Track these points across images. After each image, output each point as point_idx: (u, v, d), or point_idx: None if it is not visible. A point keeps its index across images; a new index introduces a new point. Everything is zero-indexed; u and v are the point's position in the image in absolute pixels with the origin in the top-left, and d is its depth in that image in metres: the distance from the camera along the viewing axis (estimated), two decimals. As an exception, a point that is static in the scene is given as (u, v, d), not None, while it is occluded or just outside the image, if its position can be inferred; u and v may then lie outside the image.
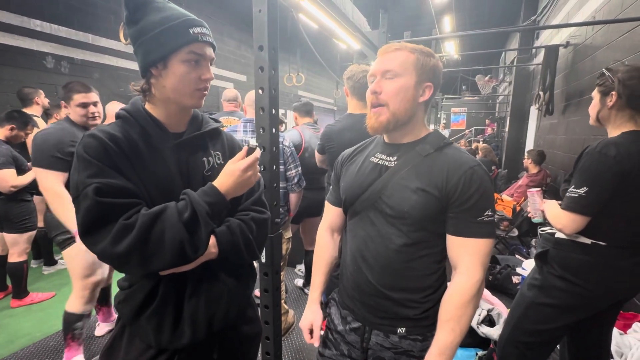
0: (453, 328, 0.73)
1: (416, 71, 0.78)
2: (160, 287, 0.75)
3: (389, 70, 0.78)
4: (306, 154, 2.22)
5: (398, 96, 0.78)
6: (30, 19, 3.77)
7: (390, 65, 0.78)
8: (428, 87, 0.80)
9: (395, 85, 0.78)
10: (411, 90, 0.78)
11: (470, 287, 0.74)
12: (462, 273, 0.76)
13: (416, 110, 0.81)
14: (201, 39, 0.73)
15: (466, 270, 0.75)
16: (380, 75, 0.80)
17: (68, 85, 1.68)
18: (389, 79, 0.78)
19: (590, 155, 1.09)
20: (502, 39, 10.05)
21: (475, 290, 0.74)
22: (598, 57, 2.94)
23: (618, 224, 1.09)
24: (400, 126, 0.81)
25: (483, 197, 0.74)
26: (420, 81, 0.79)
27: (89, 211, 0.64)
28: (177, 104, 0.77)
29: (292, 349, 1.97)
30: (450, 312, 0.74)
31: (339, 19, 2.10)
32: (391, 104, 0.78)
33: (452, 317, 0.74)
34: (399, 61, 0.78)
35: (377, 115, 0.80)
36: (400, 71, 0.78)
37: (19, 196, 2.28)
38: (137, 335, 0.78)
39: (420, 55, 0.79)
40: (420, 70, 0.78)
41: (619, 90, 1.08)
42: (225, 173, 0.77)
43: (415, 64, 0.78)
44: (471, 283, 0.74)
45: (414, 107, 0.80)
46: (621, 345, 1.68)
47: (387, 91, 0.78)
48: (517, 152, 6.38)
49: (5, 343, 1.99)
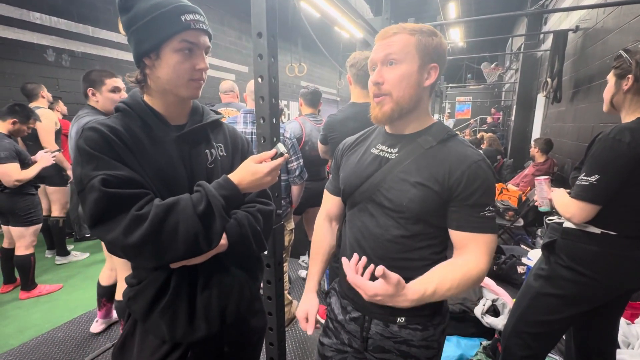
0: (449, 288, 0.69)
1: (418, 54, 0.74)
2: (172, 280, 0.74)
3: (390, 57, 0.74)
4: (307, 147, 2.19)
5: (401, 84, 0.74)
6: (30, 11, 3.74)
7: (390, 51, 0.74)
8: (433, 69, 0.75)
9: (398, 73, 0.74)
10: (415, 75, 0.74)
11: (475, 269, 0.71)
12: (470, 259, 0.73)
13: (422, 95, 0.77)
14: (194, 26, 0.70)
15: (475, 257, 0.72)
16: (380, 63, 0.76)
17: (93, 72, 1.67)
18: (390, 66, 0.75)
19: (603, 142, 1.05)
20: (508, 25, 9.80)
21: (479, 276, 0.71)
22: (609, 41, 2.85)
23: (630, 214, 1.06)
24: (405, 114, 0.77)
25: (486, 193, 0.72)
26: (424, 64, 0.74)
27: (97, 202, 0.62)
28: (173, 95, 0.74)
29: (296, 339, 1.98)
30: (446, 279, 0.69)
31: (341, 6, 2.05)
32: (394, 93, 0.75)
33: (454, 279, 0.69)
34: (399, 46, 0.74)
35: (381, 105, 0.77)
36: (401, 57, 0.73)
37: (24, 190, 2.29)
38: (150, 331, 0.77)
39: (421, 35, 0.74)
40: (423, 52, 0.74)
41: (636, 73, 1.04)
42: (246, 170, 0.75)
43: (417, 46, 0.73)
44: (478, 268, 0.72)
45: (419, 92, 0.76)
46: (628, 335, 1.66)
47: (389, 80, 0.75)
48: (523, 141, 6.29)
49: (15, 334, 2.03)
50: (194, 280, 0.76)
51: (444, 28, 6.78)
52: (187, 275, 0.75)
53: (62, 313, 2.24)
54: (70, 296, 2.47)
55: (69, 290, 2.55)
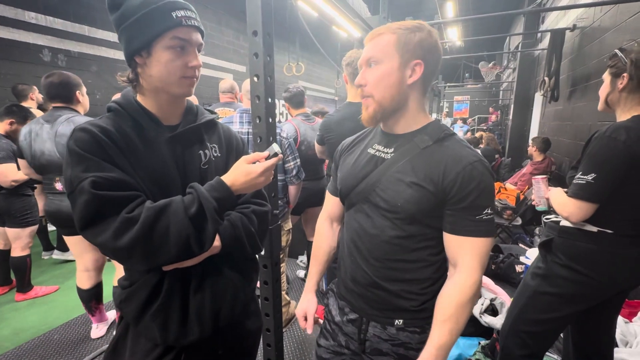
0: (451, 329, 0.71)
1: (398, 52, 0.72)
2: (165, 283, 0.73)
3: (371, 58, 0.74)
4: (302, 147, 2.19)
5: (380, 84, 0.73)
6: (25, 11, 3.71)
7: (372, 52, 0.74)
8: (418, 65, 0.72)
9: (377, 74, 0.73)
10: (395, 73, 0.73)
11: (469, 286, 0.71)
12: (461, 272, 0.73)
13: (407, 94, 0.75)
14: (186, 22, 0.68)
15: (466, 269, 0.72)
16: (364, 65, 0.76)
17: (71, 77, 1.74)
18: (371, 67, 0.74)
19: (599, 140, 1.05)
20: (506, 24, 9.82)
21: (474, 291, 0.72)
22: (606, 39, 2.85)
23: (626, 212, 1.06)
24: (390, 115, 0.77)
25: (483, 195, 0.70)
26: (405, 61, 0.72)
27: (87, 205, 0.61)
28: (166, 93, 0.73)
29: (294, 340, 1.98)
30: (449, 311, 0.72)
31: (338, 5, 2.04)
32: (375, 94, 0.74)
33: (450, 317, 0.71)
34: (380, 46, 0.73)
35: (366, 107, 0.77)
36: (380, 57, 0.73)
37: (20, 191, 2.28)
38: (143, 334, 0.76)
39: (402, 33, 0.72)
40: (403, 49, 0.72)
41: (630, 72, 1.04)
42: (239, 171, 0.74)
43: (396, 45, 0.72)
44: (471, 282, 0.71)
45: (401, 91, 0.74)
46: (626, 334, 1.66)
47: (370, 81, 0.74)
48: (521, 140, 6.30)
49: (11, 336, 2.01)
50: (187, 283, 0.75)
51: (442, 27, 6.78)
52: (180, 277, 0.74)
53: (58, 315, 2.23)
54: (66, 298, 2.46)
55: (65, 292, 2.53)
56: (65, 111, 1.73)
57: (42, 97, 2.92)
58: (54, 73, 1.74)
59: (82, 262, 1.85)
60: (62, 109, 1.74)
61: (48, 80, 1.72)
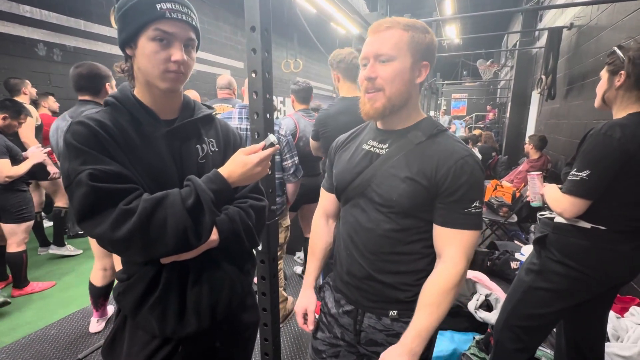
0: (431, 312, 0.73)
1: (411, 52, 0.73)
2: (162, 276, 0.74)
3: (383, 53, 0.74)
4: (301, 143, 2.19)
5: (395, 80, 0.74)
6: (19, 4, 3.66)
7: (384, 47, 0.73)
8: (424, 67, 0.76)
9: (391, 70, 0.73)
10: (407, 72, 0.74)
11: (453, 275, 0.73)
12: (445, 262, 0.75)
13: (412, 92, 0.77)
14: (170, 15, 0.67)
15: (450, 259, 0.74)
16: (373, 59, 0.75)
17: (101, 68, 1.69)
18: (384, 62, 0.74)
19: (594, 137, 1.06)
20: (504, 22, 9.82)
21: (457, 279, 0.73)
22: (603, 38, 2.87)
23: (619, 208, 1.07)
24: (396, 111, 0.78)
25: (472, 188, 0.72)
26: (416, 61, 0.74)
27: (84, 197, 0.61)
28: (156, 87, 0.73)
29: (291, 335, 1.99)
30: (430, 297, 0.74)
31: (336, 2, 2.04)
32: (387, 89, 0.74)
33: (432, 302, 0.73)
34: (392, 42, 0.73)
35: (373, 101, 0.76)
36: (394, 53, 0.73)
37: (15, 186, 2.26)
38: (140, 326, 0.76)
39: (414, 32, 0.73)
40: (415, 49, 0.74)
41: (628, 70, 1.04)
42: (235, 162, 0.74)
43: (409, 44, 0.73)
44: (455, 271, 0.73)
45: (409, 89, 0.76)
46: (617, 328, 1.69)
47: (383, 76, 0.74)
48: (518, 138, 6.33)
49: (7, 331, 2.01)
50: (185, 276, 0.76)
51: (440, 24, 6.76)
52: (178, 270, 0.75)
53: (55, 310, 2.23)
54: (63, 293, 2.46)
55: (62, 288, 2.53)
56: (89, 105, 1.67)
57: (35, 91, 2.90)
58: (83, 64, 1.69)
59: (102, 263, 1.86)
60: (87, 102, 1.69)
61: (77, 71, 1.67)
